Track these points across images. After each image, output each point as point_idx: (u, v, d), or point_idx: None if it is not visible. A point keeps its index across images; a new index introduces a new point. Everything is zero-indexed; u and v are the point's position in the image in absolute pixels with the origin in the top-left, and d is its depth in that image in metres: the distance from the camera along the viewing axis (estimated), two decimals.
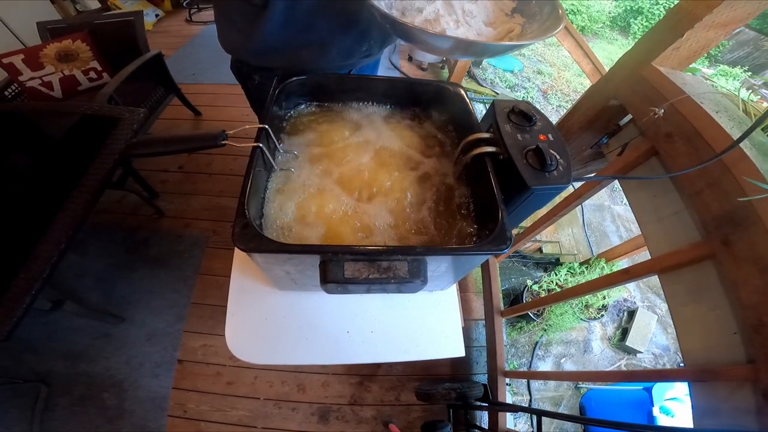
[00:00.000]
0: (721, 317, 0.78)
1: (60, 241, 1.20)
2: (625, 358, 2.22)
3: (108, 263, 2.01)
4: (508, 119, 0.68)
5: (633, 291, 2.47)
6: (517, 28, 0.73)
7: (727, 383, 0.74)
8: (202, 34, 3.79)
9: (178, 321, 1.85)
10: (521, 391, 2.02)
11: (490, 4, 0.75)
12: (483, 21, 0.72)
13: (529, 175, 0.59)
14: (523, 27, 0.73)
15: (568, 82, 3.94)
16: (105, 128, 1.53)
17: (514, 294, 2.34)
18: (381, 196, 0.73)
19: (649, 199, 1.03)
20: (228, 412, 1.66)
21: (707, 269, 0.82)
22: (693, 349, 0.84)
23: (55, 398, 1.62)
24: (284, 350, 0.79)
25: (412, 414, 1.74)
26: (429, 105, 0.91)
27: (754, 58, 5.15)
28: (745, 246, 0.72)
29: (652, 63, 1.00)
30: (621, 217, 2.82)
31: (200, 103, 2.78)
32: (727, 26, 0.89)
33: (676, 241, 0.92)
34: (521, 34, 0.72)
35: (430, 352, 0.83)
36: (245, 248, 0.52)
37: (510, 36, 0.72)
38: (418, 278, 0.55)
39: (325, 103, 0.89)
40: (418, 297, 0.87)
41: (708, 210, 0.81)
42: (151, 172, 2.39)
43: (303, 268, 0.62)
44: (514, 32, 0.72)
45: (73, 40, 2.00)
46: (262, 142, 0.64)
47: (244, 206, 0.55)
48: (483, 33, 0.71)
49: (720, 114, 0.88)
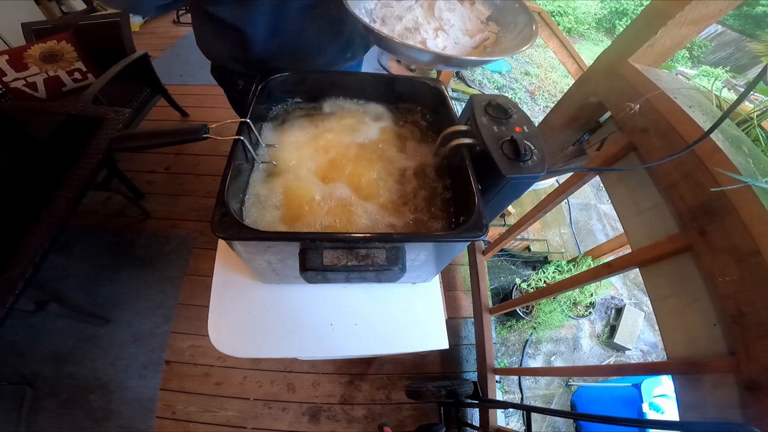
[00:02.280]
0: (702, 309, 0.78)
1: (43, 240, 1.19)
2: (614, 356, 2.25)
3: (93, 265, 1.99)
4: (485, 112, 0.70)
5: (620, 288, 2.51)
6: (492, 37, 0.75)
7: (710, 376, 0.73)
8: (190, 36, 3.68)
9: (165, 322, 1.83)
10: (512, 389, 2.03)
11: (467, 11, 0.77)
12: (460, 29, 0.74)
13: (505, 165, 0.60)
14: (498, 35, 0.75)
15: (555, 83, 3.99)
16: (89, 128, 1.52)
17: (504, 293, 2.36)
18: (362, 189, 0.73)
19: (629, 193, 1.04)
20: (217, 412, 1.64)
21: (686, 261, 0.83)
22: (675, 342, 0.84)
23: (41, 401, 1.59)
24: (268, 343, 0.80)
25: (403, 412, 1.74)
26: (409, 100, 0.92)
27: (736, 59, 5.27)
28: (721, 236, 0.73)
29: (628, 60, 1.02)
30: (607, 215, 2.86)
31: (187, 104, 2.78)
32: (700, 23, 0.91)
33: (655, 234, 0.93)
34: (496, 42, 0.74)
35: (414, 345, 0.83)
36: (224, 236, 0.52)
37: (485, 44, 0.74)
38: (396, 266, 0.56)
39: (307, 98, 0.90)
40: (401, 289, 0.88)
41: (684, 202, 0.83)
42: (138, 173, 2.38)
43: (283, 257, 0.62)
44: (489, 40, 0.74)
45: (57, 40, 1.99)
46: (243, 136, 0.65)
47: (224, 195, 0.55)
48: (460, 41, 0.73)
49: (693, 109, 0.90)
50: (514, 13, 0.74)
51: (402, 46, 0.63)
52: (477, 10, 0.78)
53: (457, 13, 0.75)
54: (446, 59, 0.66)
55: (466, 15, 0.77)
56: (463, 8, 0.77)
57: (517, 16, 0.73)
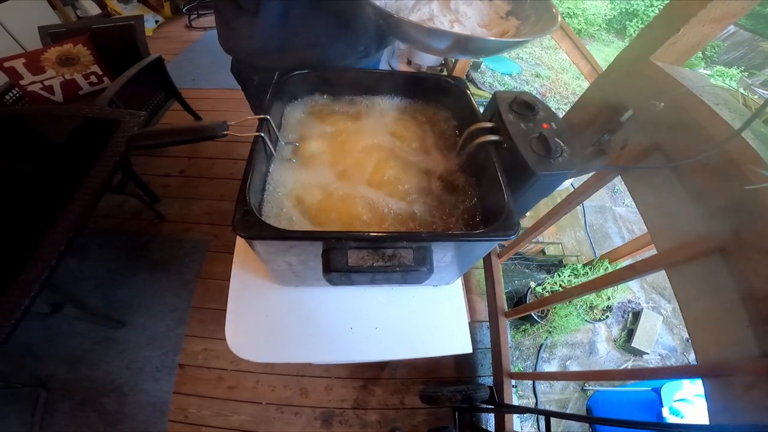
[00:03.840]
0: (733, 311, 0.75)
1: (59, 243, 1.19)
2: (631, 360, 2.20)
3: (109, 268, 2.00)
4: (511, 109, 0.68)
5: (637, 292, 2.46)
6: (512, 30, 0.73)
7: (742, 378, 0.71)
8: (202, 40, 3.81)
9: (179, 325, 1.83)
10: (527, 393, 2.00)
11: (485, 7, 0.75)
12: (477, 22, 0.72)
13: (534, 161, 0.58)
14: (517, 29, 0.73)
15: (566, 84, 3.95)
16: (106, 131, 1.53)
17: (518, 296, 2.33)
18: (384, 187, 0.72)
19: (654, 194, 1.02)
20: (229, 416, 1.63)
21: (716, 262, 0.80)
22: (705, 345, 0.82)
23: (55, 403, 1.60)
24: (286, 348, 0.78)
25: (417, 417, 1.72)
26: (430, 97, 0.91)
27: (750, 59, 5.18)
28: (754, 236, 0.70)
29: (649, 58, 1.00)
30: (623, 218, 2.82)
31: (201, 108, 2.79)
32: (722, 21, 0.89)
33: (682, 235, 0.91)
34: (515, 36, 0.72)
35: (436, 349, 0.81)
36: (246, 235, 0.51)
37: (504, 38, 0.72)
38: (424, 266, 0.54)
39: (326, 95, 0.89)
40: (423, 292, 0.86)
41: (714, 201, 0.80)
42: (152, 176, 2.40)
43: (305, 258, 0.61)
44: (509, 34, 0.73)
45: (74, 44, 2.01)
46: (263, 132, 0.64)
47: (246, 193, 0.54)
48: (477, 34, 0.71)
49: (720, 106, 0.87)
50: (534, 6, 0.72)
51: (417, 29, 0.60)
52: (496, 5, 0.77)
53: (475, 7, 0.74)
54: (465, 41, 0.63)
55: (484, 10, 0.75)
56: (481, 4, 0.75)
57: (537, 8, 0.71)
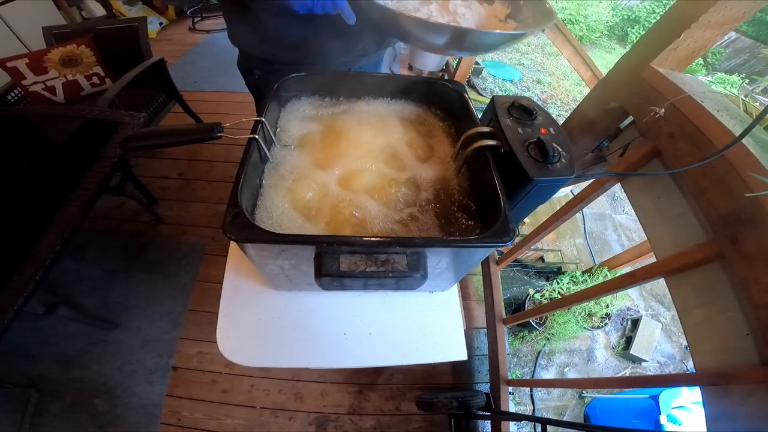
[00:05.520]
0: (733, 319, 0.75)
1: (55, 243, 1.18)
2: (629, 367, 2.19)
3: (105, 269, 1.99)
4: (509, 113, 0.67)
5: (636, 300, 2.45)
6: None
7: (741, 387, 0.71)
8: (205, 43, 3.81)
9: (174, 328, 1.82)
10: (524, 400, 1.98)
11: (483, 10, 0.75)
12: (475, 24, 0.72)
13: (532, 167, 0.57)
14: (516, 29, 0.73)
15: (567, 91, 3.96)
16: (105, 132, 1.53)
17: (516, 303, 2.32)
18: (380, 191, 0.71)
19: (653, 201, 1.01)
20: (223, 420, 1.62)
21: (716, 270, 0.80)
22: (704, 353, 0.82)
23: (46, 404, 1.58)
24: (278, 352, 0.77)
25: (413, 424, 1.70)
26: (428, 101, 0.90)
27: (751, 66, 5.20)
28: (755, 243, 0.70)
29: (650, 64, 0.99)
30: (622, 225, 2.81)
31: (202, 110, 2.78)
32: (724, 26, 0.88)
33: (682, 242, 0.90)
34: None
35: (430, 355, 0.80)
36: (236, 238, 0.50)
37: None
38: (418, 272, 0.53)
39: (323, 98, 0.88)
40: (417, 298, 0.85)
41: (714, 209, 0.80)
42: (151, 178, 2.39)
43: (297, 262, 0.60)
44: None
45: (77, 45, 2.02)
46: (258, 135, 0.63)
47: (237, 196, 0.53)
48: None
49: (721, 113, 0.87)
50: (532, 9, 0.72)
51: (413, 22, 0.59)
52: (495, 9, 0.76)
53: (473, 9, 0.74)
54: (463, 34, 0.62)
55: (482, 12, 0.75)
56: (480, 7, 0.75)
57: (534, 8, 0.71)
